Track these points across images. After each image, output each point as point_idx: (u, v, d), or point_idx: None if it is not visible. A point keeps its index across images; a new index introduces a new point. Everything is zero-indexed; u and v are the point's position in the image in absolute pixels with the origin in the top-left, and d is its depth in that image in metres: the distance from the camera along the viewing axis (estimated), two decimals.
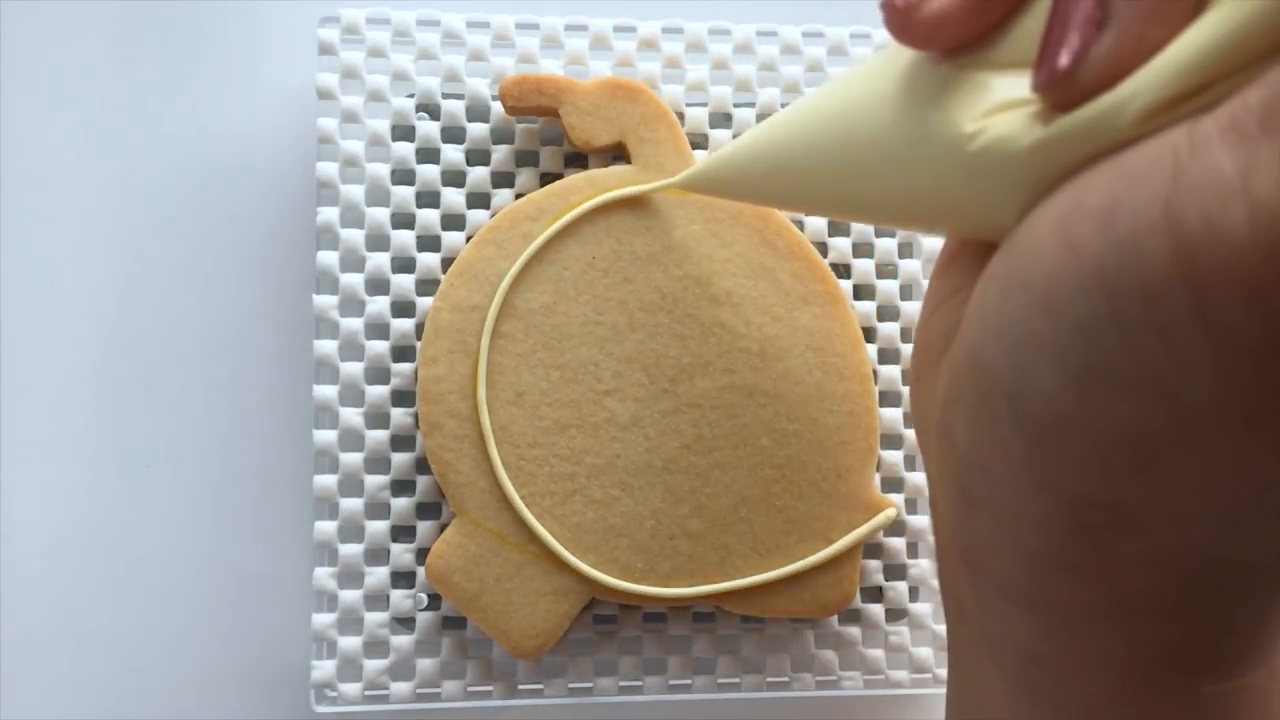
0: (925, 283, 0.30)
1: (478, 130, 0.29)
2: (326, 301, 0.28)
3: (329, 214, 0.28)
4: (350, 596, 0.27)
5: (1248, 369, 0.13)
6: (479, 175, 0.29)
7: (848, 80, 0.19)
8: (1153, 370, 0.14)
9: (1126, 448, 0.14)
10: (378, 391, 0.28)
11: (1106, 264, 0.14)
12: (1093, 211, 0.14)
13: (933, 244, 0.30)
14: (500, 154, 0.29)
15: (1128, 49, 0.14)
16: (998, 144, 0.16)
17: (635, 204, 0.27)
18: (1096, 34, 0.14)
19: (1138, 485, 0.15)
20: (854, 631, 0.29)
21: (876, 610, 0.29)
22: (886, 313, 0.30)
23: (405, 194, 0.28)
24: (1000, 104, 0.16)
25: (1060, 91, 0.15)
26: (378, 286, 0.28)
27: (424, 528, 0.28)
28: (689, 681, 0.28)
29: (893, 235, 0.30)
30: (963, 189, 0.16)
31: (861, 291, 0.30)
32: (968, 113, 0.16)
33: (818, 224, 0.29)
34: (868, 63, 0.19)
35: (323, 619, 0.27)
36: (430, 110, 0.29)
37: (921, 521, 0.29)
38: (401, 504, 0.28)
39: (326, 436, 0.28)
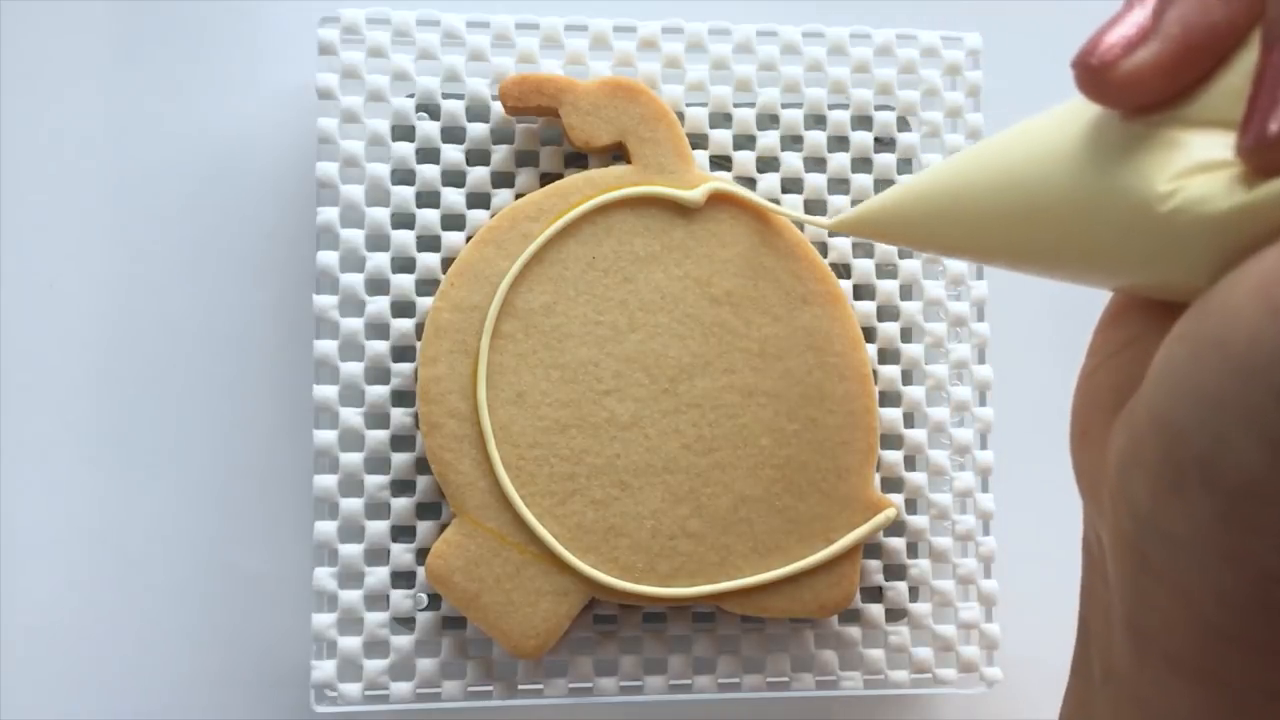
0: (925, 283, 0.30)
1: (478, 130, 0.29)
2: (326, 301, 0.28)
3: (329, 214, 0.28)
4: (350, 596, 0.27)
5: None
6: (479, 175, 0.29)
7: (1024, 131, 0.19)
8: None
9: None
10: (378, 391, 0.28)
11: None
12: None
13: None
14: (500, 154, 0.29)
15: None
16: (1194, 205, 0.15)
17: (635, 204, 0.27)
18: None
19: None
20: (854, 631, 0.29)
21: (876, 610, 0.29)
22: (886, 313, 0.30)
23: (405, 194, 0.28)
24: (1197, 164, 0.15)
25: (1268, 157, 0.14)
26: (378, 286, 0.28)
27: (424, 528, 0.28)
28: (689, 681, 0.28)
29: None
30: (1151, 248, 0.16)
31: (861, 291, 0.30)
32: (1161, 172, 0.16)
33: None
34: (1046, 115, 0.19)
35: (323, 619, 0.27)
36: (430, 110, 0.29)
37: (922, 521, 0.29)
38: (401, 504, 0.28)
39: (326, 436, 0.28)
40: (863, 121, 0.30)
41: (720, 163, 0.29)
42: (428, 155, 0.29)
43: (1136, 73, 0.16)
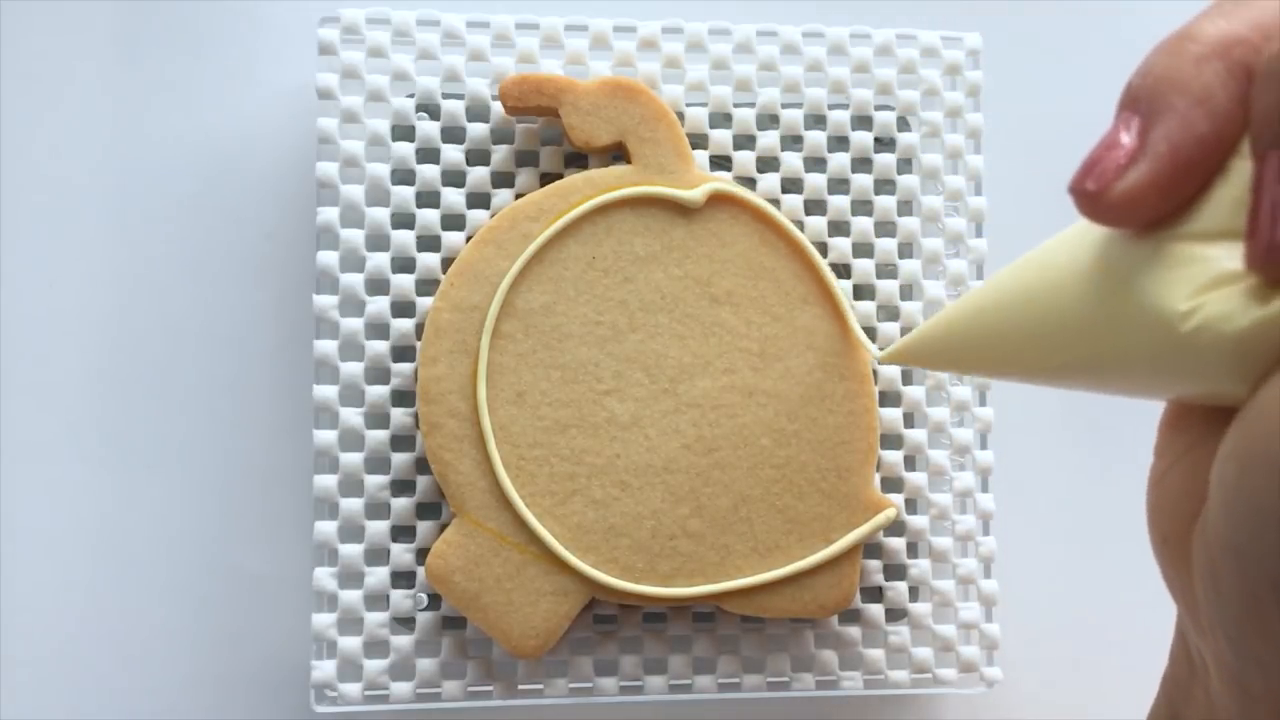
0: (925, 283, 0.30)
1: (478, 130, 0.29)
2: (326, 301, 0.28)
3: (329, 214, 0.28)
4: (350, 596, 0.27)
5: None
6: (479, 175, 0.29)
7: (1047, 251, 0.19)
8: None
9: None
10: (378, 391, 0.28)
11: None
12: None
13: (933, 245, 0.30)
14: (500, 154, 0.29)
15: None
16: (1215, 323, 0.15)
17: (635, 204, 0.27)
18: None
19: None
20: (854, 631, 0.29)
21: (876, 610, 0.29)
22: (886, 313, 0.30)
23: (405, 194, 0.28)
24: (1212, 279, 0.15)
25: (1278, 267, 0.14)
26: (378, 286, 0.28)
27: (424, 528, 0.28)
28: (689, 681, 0.28)
29: (893, 235, 0.30)
30: (1181, 366, 0.16)
31: (861, 291, 0.30)
32: (1177, 290, 0.16)
33: (818, 224, 0.29)
34: (1060, 237, 0.19)
35: (323, 619, 0.27)
36: (430, 110, 0.29)
37: (922, 521, 0.29)
38: (401, 504, 0.28)
39: (326, 436, 0.28)
40: (863, 121, 0.30)
41: (720, 163, 0.29)
42: (428, 155, 0.29)
43: (1130, 193, 0.16)
